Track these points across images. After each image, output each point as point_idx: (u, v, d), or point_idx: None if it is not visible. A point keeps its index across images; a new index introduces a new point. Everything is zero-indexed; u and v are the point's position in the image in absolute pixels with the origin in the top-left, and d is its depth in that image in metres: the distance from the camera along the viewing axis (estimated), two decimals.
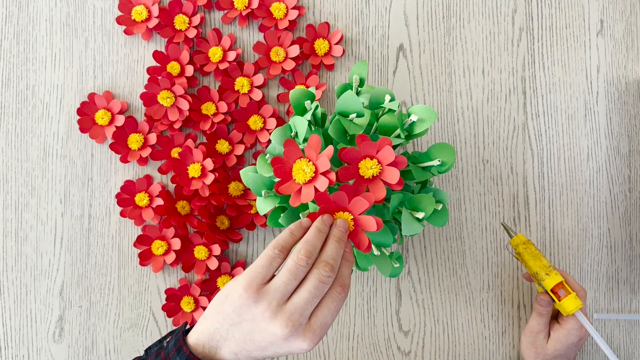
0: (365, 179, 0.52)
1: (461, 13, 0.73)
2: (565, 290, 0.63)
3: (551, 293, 0.63)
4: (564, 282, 0.63)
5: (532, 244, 0.65)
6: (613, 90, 0.73)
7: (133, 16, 0.71)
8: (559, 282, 0.63)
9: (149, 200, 0.70)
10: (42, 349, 0.71)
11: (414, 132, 0.56)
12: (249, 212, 0.70)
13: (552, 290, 0.63)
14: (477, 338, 0.72)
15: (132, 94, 0.73)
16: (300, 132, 0.55)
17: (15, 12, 0.72)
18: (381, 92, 0.56)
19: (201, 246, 0.70)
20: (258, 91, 0.71)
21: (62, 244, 0.71)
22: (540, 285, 0.65)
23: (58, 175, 0.72)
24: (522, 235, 0.66)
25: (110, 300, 0.71)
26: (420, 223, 0.54)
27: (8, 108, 0.72)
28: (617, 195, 0.73)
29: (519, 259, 0.65)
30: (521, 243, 0.65)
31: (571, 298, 0.62)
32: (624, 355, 0.73)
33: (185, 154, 0.68)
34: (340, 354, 0.72)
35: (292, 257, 0.46)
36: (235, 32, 0.73)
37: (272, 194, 0.57)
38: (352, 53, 0.73)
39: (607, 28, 0.74)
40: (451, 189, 0.73)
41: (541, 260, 0.63)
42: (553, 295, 0.63)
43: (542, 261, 0.63)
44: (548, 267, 0.63)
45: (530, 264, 0.64)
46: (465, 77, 0.73)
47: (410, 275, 0.72)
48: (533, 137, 0.73)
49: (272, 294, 0.45)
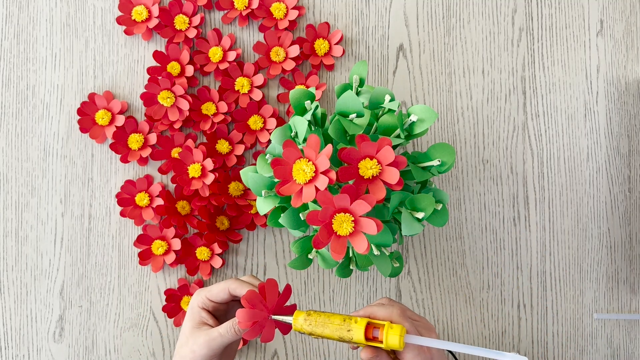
0: (365, 179, 0.52)
1: (461, 13, 0.73)
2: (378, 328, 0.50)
3: (369, 342, 0.50)
4: (370, 321, 0.50)
5: (314, 313, 0.51)
6: (613, 90, 0.73)
7: (133, 16, 0.71)
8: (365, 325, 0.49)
9: (149, 200, 0.70)
10: (42, 348, 0.71)
11: (414, 132, 0.56)
12: (249, 212, 0.70)
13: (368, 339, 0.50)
14: (477, 338, 0.72)
15: (132, 94, 0.73)
16: (300, 132, 0.55)
17: (16, 12, 0.72)
18: (381, 92, 0.56)
19: (202, 247, 0.70)
20: (258, 91, 0.71)
21: (62, 244, 0.72)
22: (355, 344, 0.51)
23: (58, 175, 0.72)
24: (299, 311, 0.52)
25: (110, 300, 0.72)
26: (420, 223, 0.54)
27: (8, 108, 0.72)
28: (617, 195, 0.73)
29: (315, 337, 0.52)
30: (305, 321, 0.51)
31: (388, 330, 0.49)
32: (624, 355, 0.73)
33: (186, 154, 0.68)
34: (340, 353, 0.72)
35: None
36: (235, 32, 0.73)
37: (272, 194, 0.57)
38: (352, 53, 0.73)
39: (607, 28, 0.74)
40: (451, 189, 0.73)
41: (334, 321, 0.50)
42: (374, 343, 0.50)
43: (335, 320, 0.50)
44: (344, 321, 0.50)
45: (327, 335, 0.50)
46: (465, 77, 0.73)
47: (410, 275, 0.72)
48: (533, 137, 0.73)
49: None
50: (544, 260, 0.73)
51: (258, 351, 0.72)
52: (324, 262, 0.59)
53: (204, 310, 0.55)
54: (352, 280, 0.72)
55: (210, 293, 0.55)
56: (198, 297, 0.55)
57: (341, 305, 0.72)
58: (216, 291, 0.55)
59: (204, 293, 0.55)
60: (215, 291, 0.55)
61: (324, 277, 0.72)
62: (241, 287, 0.54)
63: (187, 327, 0.55)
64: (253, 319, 0.51)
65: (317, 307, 0.72)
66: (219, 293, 0.54)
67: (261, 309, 0.52)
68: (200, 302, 0.55)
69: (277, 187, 0.53)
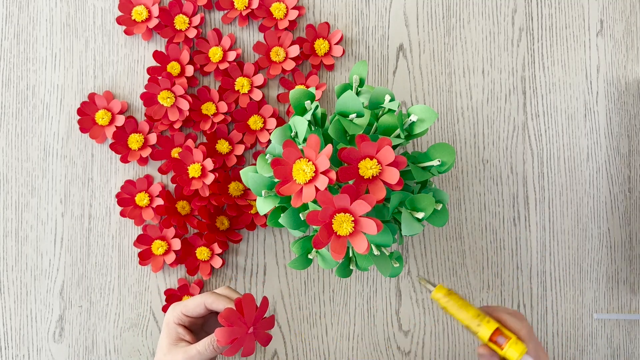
0: (365, 179, 0.52)
1: (461, 13, 0.73)
2: (504, 337, 0.55)
3: (490, 343, 0.55)
4: (500, 327, 0.55)
5: (454, 293, 0.58)
6: (613, 90, 0.73)
7: (133, 16, 0.71)
8: (495, 329, 0.55)
9: (149, 200, 0.70)
10: (42, 348, 0.71)
11: (414, 132, 0.56)
12: (249, 212, 0.70)
13: (490, 340, 0.55)
14: (477, 338, 0.72)
15: (132, 94, 0.73)
16: (300, 132, 0.55)
17: (16, 12, 0.72)
18: (381, 92, 0.56)
19: (202, 247, 0.70)
20: (258, 91, 0.71)
21: (62, 244, 0.72)
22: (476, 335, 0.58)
23: (58, 175, 0.72)
24: (442, 286, 0.58)
25: (110, 300, 0.72)
26: (420, 223, 0.54)
27: (8, 108, 0.72)
28: (617, 195, 0.73)
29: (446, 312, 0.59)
30: (442, 296, 0.58)
31: (512, 344, 0.54)
32: (624, 355, 0.73)
33: (186, 154, 0.68)
34: (340, 353, 0.72)
35: None
36: (235, 32, 0.73)
37: (272, 194, 0.57)
38: (352, 53, 0.73)
39: (607, 28, 0.74)
40: (451, 189, 0.73)
41: (469, 311, 0.56)
42: (493, 345, 0.55)
43: (470, 311, 0.56)
44: (478, 316, 0.56)
45: (458, 317, 0.57)
46: (465, 77, 0.73)
47: (410, 275, 0.72)
48: (533, 137, 0.73)
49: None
50: (544, 260, 0.73)
51: (258, 351, 0.72)
52: (324, 262, 0.59)
53: (180, 325, 0.55)
54: (352, 280, 0.72)
55: (186, 308, 0.54)
56: (173, 312, 0.55)
57: (341, 305, 0.72)
58: (192, 306, 0.54)
59: (179, 308, 0.55)
60: (191, 306, 0.54)
61: (324, 277, 0.72)
62: (217, 301, 0.53)
63: (164, 343, 0.54)
64: (232, 337, 0.51)
65: (317, 308, 0.72)
66: (195, 308, 0.54)
67: (240, 325, 0.52)
68: (175, 318, 0.55)
69: (277, 187, 0.53)
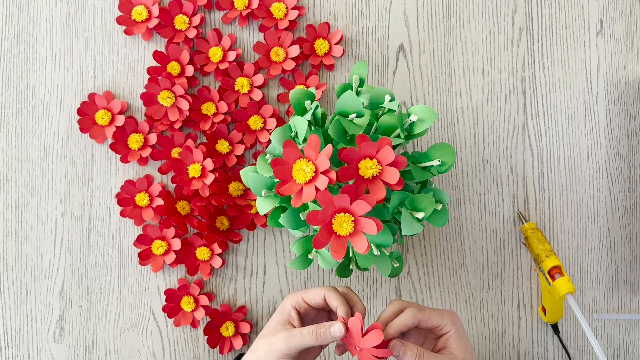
0: (365, 179, 0.52)
1: (461, 13, 0.73)
2: (560, 274, 0.66)
3: (547, 275, 0.67)
4: (562, 267, 0.66)
5: (540, 231, 0.70)
6: (613, 90, 0.73)
7: (133, 16, 0.71)
8: (557, 265, 0.66)
9: (149, 200, 0.70)
10: (42, 349, 0.71)
11: (413, 132, 0.56)
12: (249, 212, 0.70)
13: (549, 272, 0.67)
14: (477, 338, 0.72)
15: (132, 94, 0.73)
16: (300, 132, 0.55)
17: (16, 12, 0.72)
18: (381, 92, 0.56)
19: (202, 247, 0.70)
20: (258, 91, 0.71)
21: (62, 244, 0.72)
22: (540, 271, 0.68)
23: (58, 175, 0.72)
24: (533, 223, 0.71)
25: (110, 300, 0.72)
26: (420, 223, 0.54)
27: (8, 108, 0.72)
28: (617, 195, 0.73)
29: (526, 244, 0.70)
30: (530, 229, 0.70)
31: (564, 280, 0.65)
32: (624, 355, 0.73)
33: (186, 154, 0.68)
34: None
35: None
36: (235, 32, 0.73)
37: (272, 194, 0.57)
38: (352, 53, 0.73)
39: (607, 28, 0.74)
40: (451, 189, 0.73)
41: (545, 245, 0.68)
42: (549, 277, 0.66)
43: (546, 245, 0.68)
44: (550, 251, 0.68)
45: (534, 247, 0.69)
46: (465, 77, 0.73)
47: (410, 275, 0.72)
48: (533, 137, 0.73)
49: None
50: None
51: None
52: (324, 262, 0.59)
53: (295, 310, 0.55)
54: (352, 280, 0.72)
55: (307, 294, 0.55)
56: (294, 296, 0.56)
57: None
58: (312, 294, 0.55)
59: (300, 294, 0.56)
60: (311, 294, 0.55)
61: (324, 277, 0.72)
62: (337, 298, 0.54)
63: (273, 321, 0.55)
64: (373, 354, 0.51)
65: None
66: (314, 296, 0.55)
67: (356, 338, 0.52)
68: (293, 302, 0.55)
69: (277, 187, 0.53)
